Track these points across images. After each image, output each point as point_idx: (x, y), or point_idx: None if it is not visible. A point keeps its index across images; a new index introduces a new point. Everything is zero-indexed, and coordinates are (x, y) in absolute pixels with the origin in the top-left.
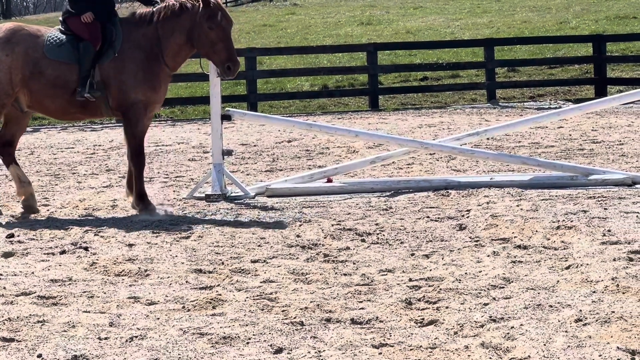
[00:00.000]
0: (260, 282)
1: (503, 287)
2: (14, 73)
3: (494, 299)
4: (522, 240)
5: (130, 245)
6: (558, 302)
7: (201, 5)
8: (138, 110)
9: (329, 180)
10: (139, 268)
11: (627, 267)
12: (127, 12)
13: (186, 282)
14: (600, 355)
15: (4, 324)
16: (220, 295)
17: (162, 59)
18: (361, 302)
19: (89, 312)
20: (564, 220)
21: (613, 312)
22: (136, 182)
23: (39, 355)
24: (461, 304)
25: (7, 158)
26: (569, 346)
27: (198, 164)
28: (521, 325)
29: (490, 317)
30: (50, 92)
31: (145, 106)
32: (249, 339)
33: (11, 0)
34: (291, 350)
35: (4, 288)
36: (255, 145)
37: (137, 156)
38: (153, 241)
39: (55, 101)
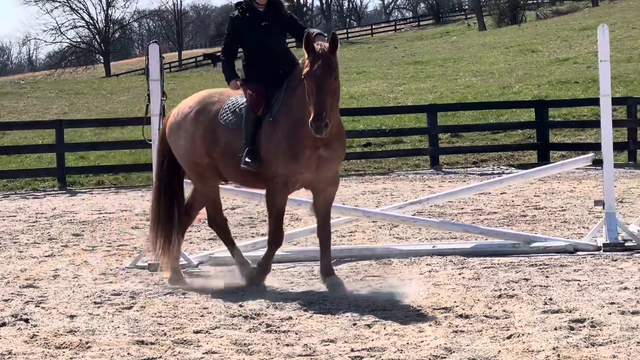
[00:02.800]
0: (203, 354)
1: (445, 357)
2: (198, 143)
3: None
4: (463, 309)
5: (72, 316)
6: None
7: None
8: (276, 184)
9: None
10: (80, 340)
11: (568, 336)
12: None
13: (128, 354)
14: None
15: None
16: None
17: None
18: None
19: None
20: (505, 289)
21: None
22: (266, 256)
23: None
24: None
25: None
26: None
27: (142, 232)
28: None
29: None
30: (225, 159)
31: (284, 180)
32: None
33: None
34: None
35: None
36: (198, 213)
37: (272, 234)
38: (95, 312)
39: (230, 169)
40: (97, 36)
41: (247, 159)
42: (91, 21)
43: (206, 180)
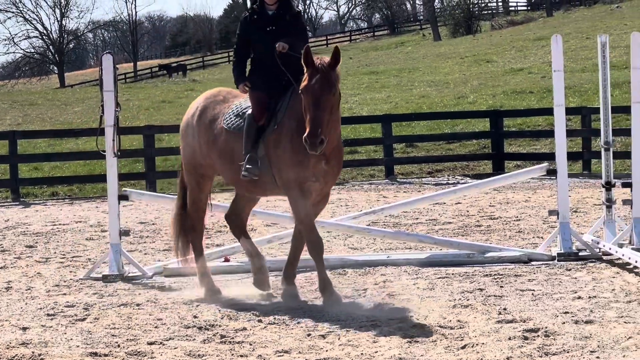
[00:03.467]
0: None
1: None
2: (202, 142)
3: None
4: (418, 319)
5: (25, 328)
6: None
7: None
8: (292, 189)
9: (227, 260)
10: (33, 352)
11: (522, 345)
12: None
13: None
14: None
15: None
16: None
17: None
18: None
19: None
20: (460, 299)
21: None
22: (318, 269)
23: None
24: None
25: (236, 230)
26: None
27: (96, 243)
28: None
29: None
30: (222, 162)
31: (299, 187)
32: None
33: None
34: None
35: None
36: (153, 224)
37: (308, 242)
38: (48, 324)
39: (227, 173)
40: (51, 47)
41: (248, 166)
42: (45, 32)
43: (204, 184)
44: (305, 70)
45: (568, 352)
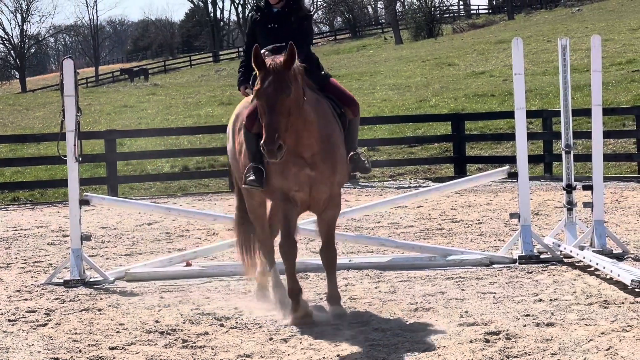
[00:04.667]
0: None
1: None
2: (236, 147)
3: None
4: (380, 323)
5: None
6: None
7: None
8: (275, 199)
9: (188, 264)
10: None
11: (483, 348)
12: None
13: None
14: None
15: None
16: None
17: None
18: None
19: None
20: (422, 302)
21: None
22: (287, 278)
23: None
24: None
25: (268, 256)
26: None
27: (57, 249)
28: None
29: None
30: (238, 166)
31: (283, 196)
32: None
33: None
34: None
35: None
36: (115, 229)
37: (280, 248)
38: (9, 329)
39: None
40: (12, 51)
41: (250, 178)
42: (6, 36)
43: (251, 194)
44: (257, 74)
45: (529, 354)
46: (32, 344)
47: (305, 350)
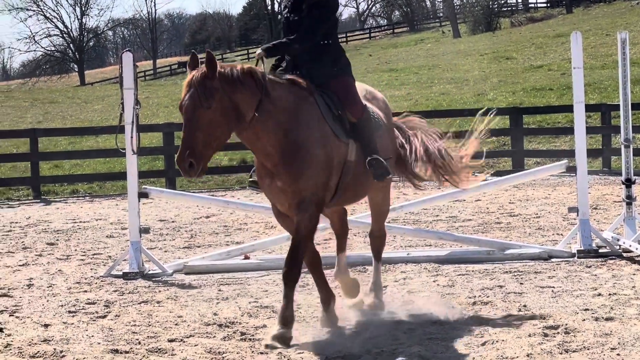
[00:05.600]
0: None
1: None
2: None
3: None
4: (438, 316)
5: (46, 325)
6: None
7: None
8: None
9: (246, 257)
10: (55, 349)
11: (542, 342)
12: None
13: None
14: None
15: None
16: None
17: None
18: None
19: None
20: (480, 296)
21: None
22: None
23: None
24: None
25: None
26: None
27: (116, 241)
28: None
29: None
30: None
31: (273, 209)
32: None
33: None
34: None
35: None
36: (173, 221)
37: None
38: (69, 321)
39: None
40: (71, 45)
41: (249, 179)
42: (65, 30)
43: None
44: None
45: (588, 349)
46: (92, 335)
47: (365, 342)
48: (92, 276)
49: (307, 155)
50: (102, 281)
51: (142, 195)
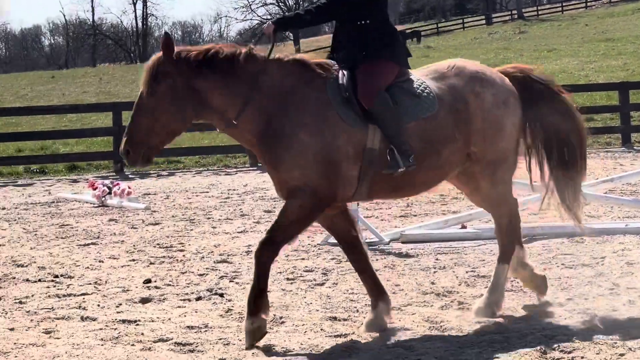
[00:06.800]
0: (396, 331)
1: None
2: None
3: (630, 349)
4: None
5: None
6: None
7: None
8: None
9: (464, 226)
10: (274, 315)
11: None
12: None
13: (321, 329)
14: None
15: None
16: (354, 343)
17: None
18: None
19: (225, 359)
20: None
21: None
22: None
23: None
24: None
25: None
26: None
27: None
28: None
29: None
30: None
31: None
32: None
33: None
34: None
35: (142, 334)
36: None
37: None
38: (288, 288)
39: None
40: (287, 13)
41: None
42: None
43: None
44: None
45: None
46: (310, 303)
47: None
48: (309, 244)
49: (293, 143)
50: (319, 249)
51: None
